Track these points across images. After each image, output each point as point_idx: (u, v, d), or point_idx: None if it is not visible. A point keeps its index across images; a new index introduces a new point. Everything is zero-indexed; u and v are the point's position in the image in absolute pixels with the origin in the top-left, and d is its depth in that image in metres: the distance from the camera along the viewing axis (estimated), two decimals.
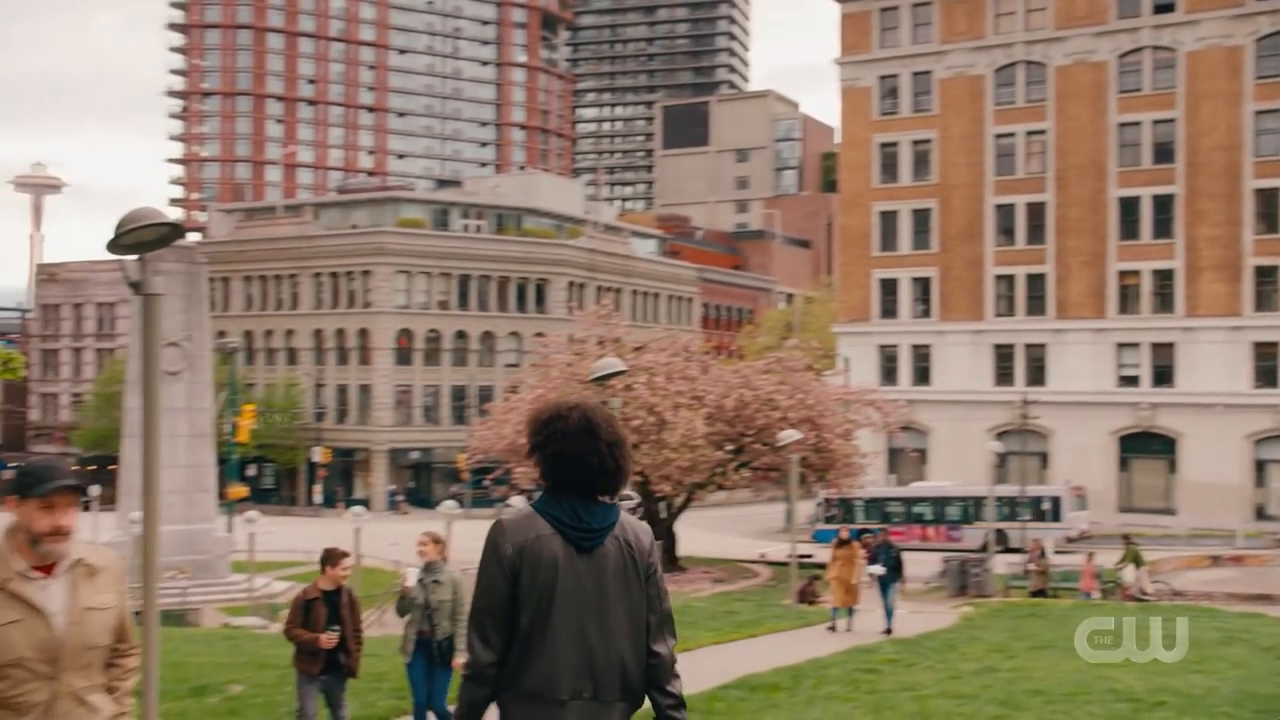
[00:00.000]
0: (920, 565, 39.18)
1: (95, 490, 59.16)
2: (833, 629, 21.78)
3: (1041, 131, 60.43)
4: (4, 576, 4.19)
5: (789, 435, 27.53)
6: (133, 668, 4.57)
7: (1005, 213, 61.10)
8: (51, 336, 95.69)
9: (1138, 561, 31.46)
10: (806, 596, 30.26)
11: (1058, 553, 38.76)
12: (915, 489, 54.75)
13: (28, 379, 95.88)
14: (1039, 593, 31.90)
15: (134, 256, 9.57)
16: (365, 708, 11.75)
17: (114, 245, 9.52)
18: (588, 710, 4.18)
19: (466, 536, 48.40)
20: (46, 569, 4.25)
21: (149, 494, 9.78)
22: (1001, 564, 36.02)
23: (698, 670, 16.03)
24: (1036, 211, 60.31)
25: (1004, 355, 60.75)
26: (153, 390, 9.91)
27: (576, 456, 4.23)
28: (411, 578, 10.88)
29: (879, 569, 22.80)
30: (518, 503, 38.51)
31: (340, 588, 10.29)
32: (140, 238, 9.45)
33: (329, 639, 10.03)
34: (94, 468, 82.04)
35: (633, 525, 4.36)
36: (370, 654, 11.61)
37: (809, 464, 39.30)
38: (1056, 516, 48.03)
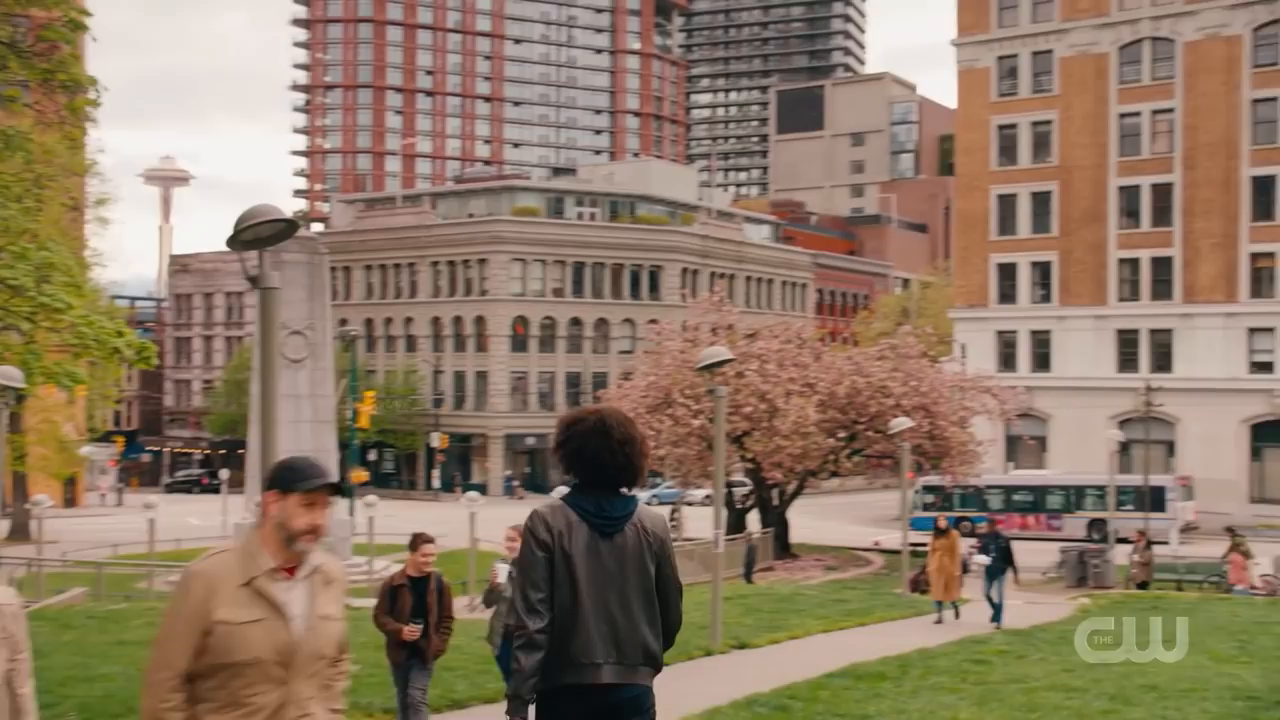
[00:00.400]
0: (1031, 555, 38.54)
1: (224, 474, 61.33)
2: (938, 622, 21.04)
3: (1169, 110, 58.47)
4: (252, 573, 4.10)
5: (901, 423, 27.22)
6: (345, 683, 4.43)
7: (1130, 194, 59.33)
8: (184, 325, 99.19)
9: (1245, 555, 30.55)
10: (919, 585, 29.88)
11: (1159, 544, 38.01)
12: (1014, 477, 53.70)
13: (161, 366, 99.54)
14: (1142, 585, 31.10)
15: (252, 252, 9.95)
16: (445, 691, 12.00)
17: (233, 241, 9.91)
18: (618, 673, 4.88)
19: None
20: (289, 570, 4.17)
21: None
22: (1122, 555, 35.11)
23: (803, 658, 16.07)
24: (1163, 192, 58.43)
25: (1128, 341, 59.05)
26: (270, 378, 10.29)
27: (591, 454, 4.92)
28: (501, 573, 10.70)
29: (985, 559, 21.68)
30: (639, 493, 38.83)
31: (429, 574, 9.99)
32: (258, 233, 9.82)
33: (411, 631, 9.76)
34: (224, 452, 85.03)
35: (648, 513, 5.03)
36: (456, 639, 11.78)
37: (923, 452, 38.83)
38: (1160, 506, 46.66)
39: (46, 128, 17.08)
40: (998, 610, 20.89)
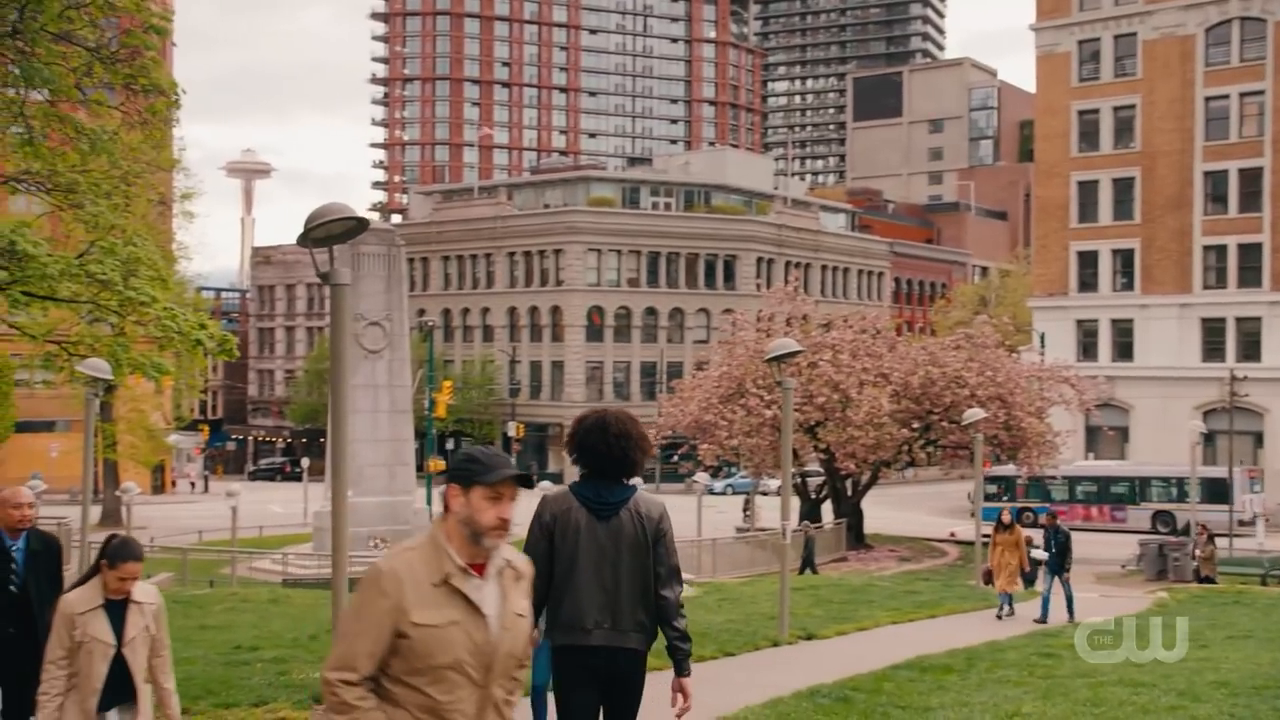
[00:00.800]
0: (1097, 547, 38.01)
1: (305, 462, 62.55)
2: (1000, 617, 20.61)
3: (1258, 92, 56.98)
4: (445, 571, 3.87)
5: (974, 414, 26.95)
6: (521, 681, 4.23)
7: (1216, 179, 57.95)
8: (266, 316, 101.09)
9: None
10: (991, 577, 29.64)
11: (1223, 536, 37.44)
12: (1079, 468, 52.95)
13: (245, 357, 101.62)
14: (1206, 579, 30.57)
15: (323, 249, 10.23)
16: None
17: (305, 238, 10.22)
18: (609, 636, 5.61)
19: None
20: (479, 568, 3.95)
21: (338, 466, 10.47)
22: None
23: (870, 649, 16.07)
24: (1252, 177, 56.98)
25: (1213, 329, 57.73)
26: (340, 372, 10.59)
27: (591, 446, 5.71)
28: None
29: (1043, 553, 21.39)
30: (703, 478, 39.00)
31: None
32: (329, 231, 10.13)
33: None
34: (305, 440, 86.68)
35: (646, 500, 5.79)
36: None
37: (999, 443, 38.47)
38: (1226, 498, 45.69)
39: (132, 128, 17.62)
40: (1046, 606, 20.37)
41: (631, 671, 5.79)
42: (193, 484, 75.87)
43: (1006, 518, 21.47)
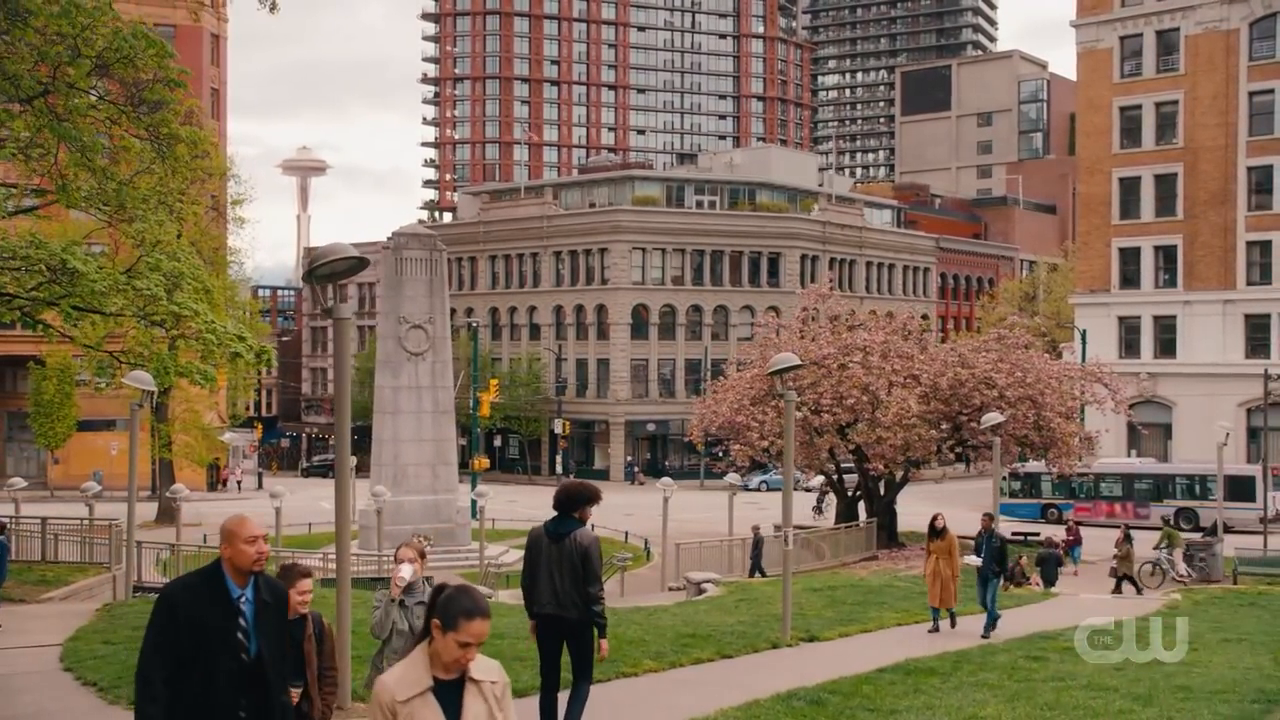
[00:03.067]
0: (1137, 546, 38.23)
1: (352, 460, 63.96)
2: (934, 630, 19.09)
3: None
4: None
5: (991, 418, 27.42)
6: None
7: (1261, 174, 57.60)
8: (319, 314, 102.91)
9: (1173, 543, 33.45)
10: (1014, 577, 30.14)
11: (1247, 532, 37.75)
12: (1102, 465, 53.06)
13: (299, 355, 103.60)
14: (1125, 578, 31.11)
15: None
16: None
17: (309, 276, 11.15)
18: (555, 609, 9.50)
19: (687, 507, 49.90)
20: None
21: (340, 478, 11.33)
22: (1229, 547, 34.65)
23: (867, 652, 16.74)
24: None
25: (1258, 326, 57.43)
26: (343, 398, 11.46)
27: (556, 500, 9.81)
28: (405, 571, 8.99)
29: (976, 560, 19.65)
30: (732, 478, 39.68)
31: (304, 616, 7.38)
32: (333, 269, 11.11)
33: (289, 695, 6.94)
34: (356, 437, 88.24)
35: (581, 533, 9.60)
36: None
37: (1029, 443, 38.79)
38: (1250, 496, 45.74)
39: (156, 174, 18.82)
40: (991, 618, 19.21)
41: (574, 631, 9.58)
42: (239, 482, 77.47)
43: (940, 523, 19.84)
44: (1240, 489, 46.47)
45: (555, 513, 9.61)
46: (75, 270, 21.25)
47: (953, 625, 19.36)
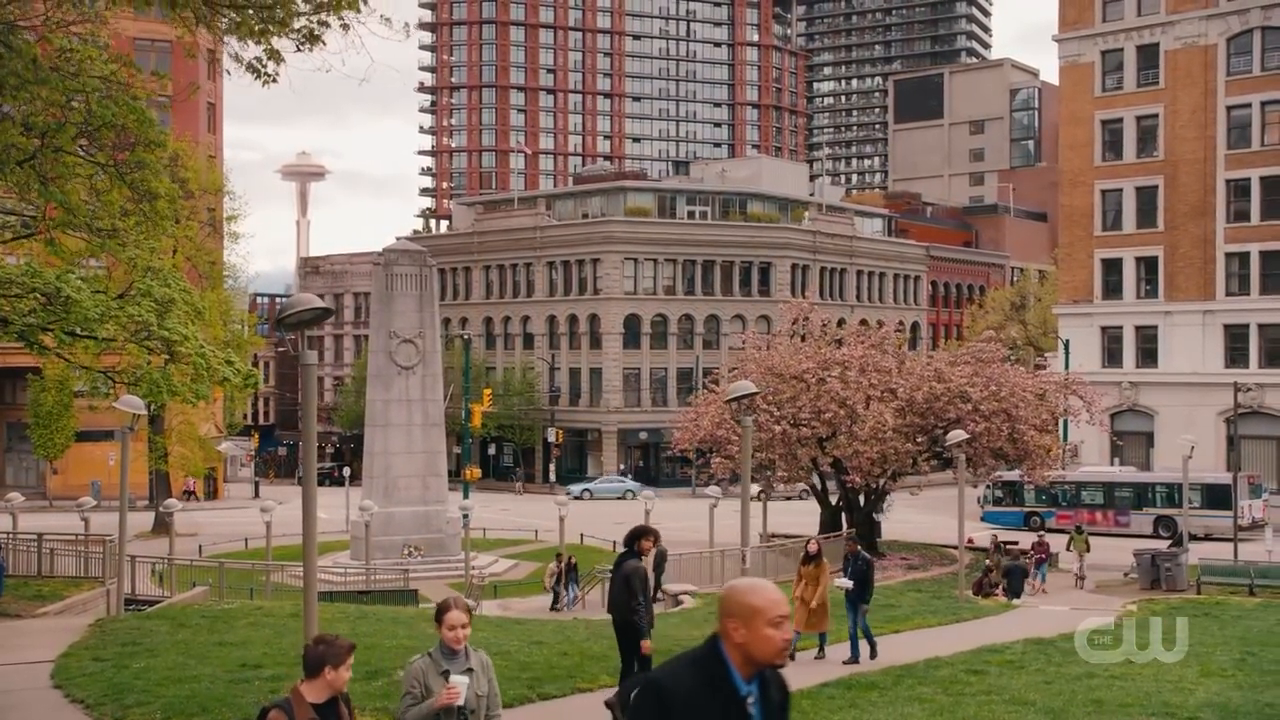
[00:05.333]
0: (1112, 553, 39.19)
1: (346, 471, 64.78)
2: (791, 657, 16.69)
3: None
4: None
5: (956, 435, 28.33)
6: None
7: (1239, 188, 58.56)
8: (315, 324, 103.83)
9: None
10: (983, 588, 31.05)
11: (1222, 540, 39.00)
12: (1083, 474, 54.04)
13: (296, 364, 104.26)
14: (995, 587, 32.13)
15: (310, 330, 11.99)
16: None
17: (280, 325, 12.08)
18: (612, 615, 13.63)
19: (677, 515, 50.66)
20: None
21: (309, 509, 12.21)
22: (1195, 556, 35.53)
23: (818, 666, 17.60)
24: (1273, 185, 57.51)
25: (1237, 336, 58.39)
26: (311, 442, 12.35)
27: (627, 539, 13.47)
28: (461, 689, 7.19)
29: (847, 582, 18.83)
30: (713, 491, 40.58)
31: (337, 697, 6.48)
32: (300, 318, 12.00)
33: None
34: (353, 445, 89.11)
35: (627, 563, 13.15)
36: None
37: (1004, 455, 39.66)
38: (1226, 504, 46.83)
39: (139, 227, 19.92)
40: (856, 644, 18.40)
41: (622, 630, 13.15)
42: (190, 494, 72.41)
43: (813, 547, 19.16)
44: (1220, 497, 47.43)
45: (624, 547, 13.25)
46: (69, 298, 22.16)
47: (820, 653, 18.65)
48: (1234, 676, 16.22)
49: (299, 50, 11.98)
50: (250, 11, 11.91)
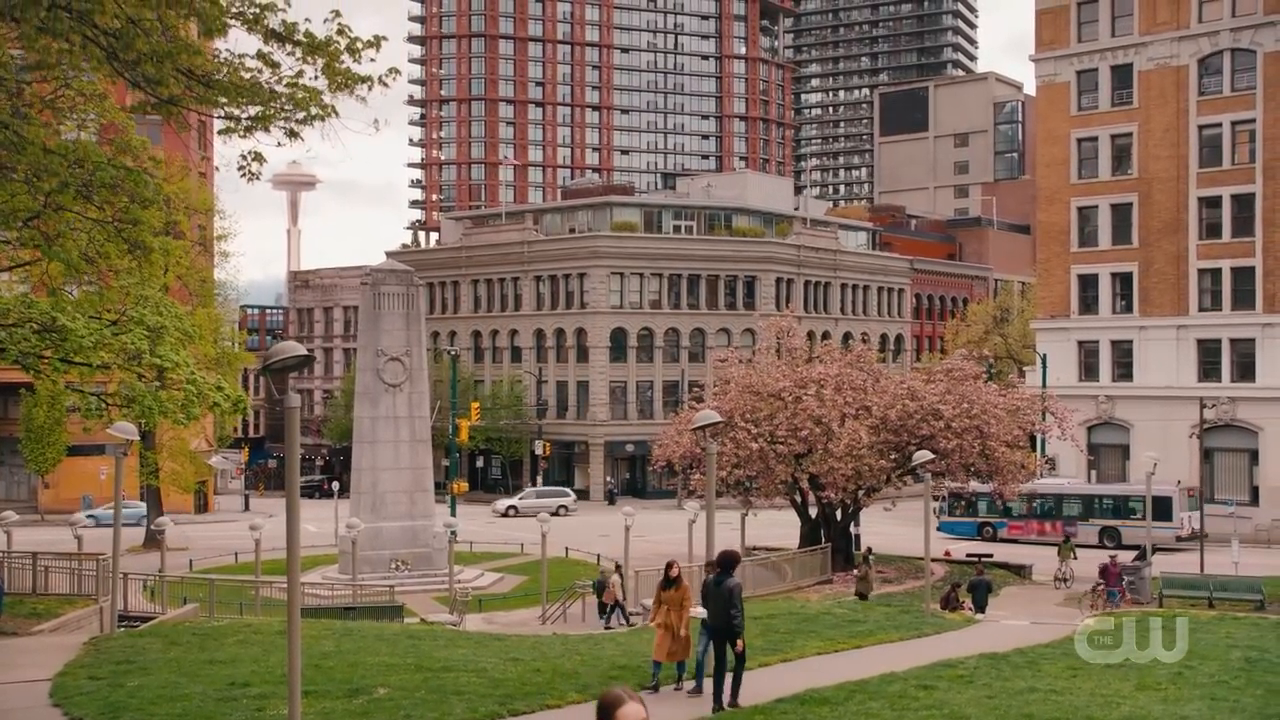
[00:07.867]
0: (1082, 564, 40.21)
1: (334, 485, 65.56)
2: (654, 689, 16.78)
3: (1249, 121, 58.79)
4: None
5: (922, 455, 29.34)
6: None
7: (1210, 205, 59.81)
8: (305, 338, 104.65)
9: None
10: (949, 603, 31.98)
11: (1163, 550, 40.47)
12: (1035, 486, 55.31)
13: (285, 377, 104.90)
14: (861, 596, 33.36)
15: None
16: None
17: (265, 371, 13.03)
18: (715, 623, 16.45)
19: (661, 528, 51.43)
20: None
21: (290, 530, 13.12)
22: (1155, 568, 36.56)
23: (779, 682, 18.43)
24: (1244, 203, 58.81)
25: (1209, 350, 59.60)
26: (294, 476, 13.26)
27: (719, 562, 16.77)
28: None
29: (701, 611, 16.74)
30: (690, 506, 41.54)
31: None
32: (285, 364, 12.93)
33: None
34: (342, 458, 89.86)
35: (728, 582, 16.07)
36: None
37: (976, 471, 40.70)
38: (1167, 515, 48.28)
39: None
40: (700, 672, 16.81)
41: (723, 635, 16.00)
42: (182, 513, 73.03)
43: (675, 571, 17.45)
44: (1158, 509, 48.51)
45: (718, 568, 16.35)
46: (64, 327, 23.06)
47: (678, 683, 17.24)
48: (1165, 690, 17.16)
49: (279, 146, 13.09)
50: (242, 120, 13.10)
